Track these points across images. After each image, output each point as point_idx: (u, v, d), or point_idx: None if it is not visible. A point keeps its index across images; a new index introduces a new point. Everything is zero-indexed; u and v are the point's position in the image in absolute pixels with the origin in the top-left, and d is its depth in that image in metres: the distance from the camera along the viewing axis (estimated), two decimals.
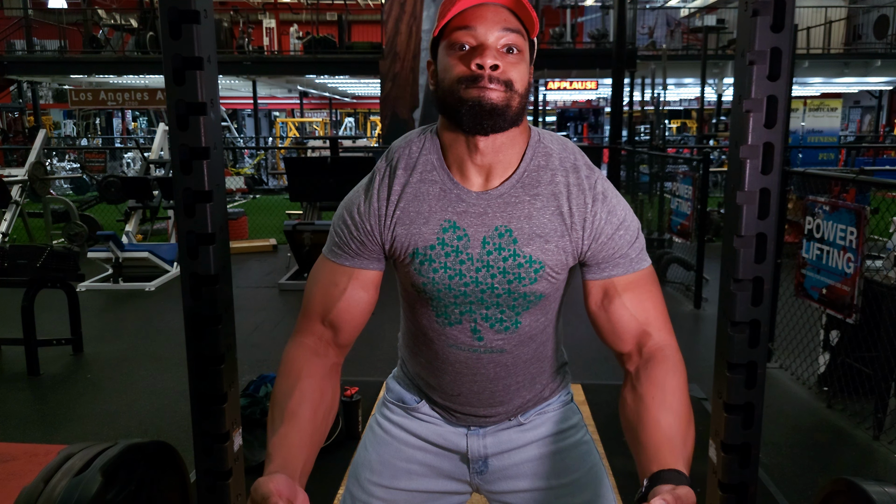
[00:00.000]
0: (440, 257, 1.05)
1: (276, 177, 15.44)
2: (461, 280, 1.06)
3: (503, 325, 1.09)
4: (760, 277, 1.03)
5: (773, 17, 0.93)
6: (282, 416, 0.98)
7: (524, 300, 1.07)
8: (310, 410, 1.00)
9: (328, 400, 1.05)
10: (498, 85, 0.97)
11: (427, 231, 1.05)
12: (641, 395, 1.00)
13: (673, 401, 0.98)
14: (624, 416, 1.02)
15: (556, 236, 1.04)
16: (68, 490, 1.15)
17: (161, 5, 1.00)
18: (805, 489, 2.69)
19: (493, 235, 1.04)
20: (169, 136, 1.07)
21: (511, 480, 1.21)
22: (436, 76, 1.05)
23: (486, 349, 1.11)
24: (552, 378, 1.23)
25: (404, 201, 1.06)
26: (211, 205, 1.08)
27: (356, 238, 1.09)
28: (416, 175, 1.06)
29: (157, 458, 1.29)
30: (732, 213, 1.03)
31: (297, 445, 0.95)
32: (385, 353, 4.32)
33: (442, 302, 1.09)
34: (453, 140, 1.04)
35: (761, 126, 0.97)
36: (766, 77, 0.95)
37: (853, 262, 3.18)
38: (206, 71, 1.03)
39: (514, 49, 0.99)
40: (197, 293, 1.11)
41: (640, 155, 8.29)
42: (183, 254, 1.11)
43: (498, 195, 1.04)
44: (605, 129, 21.72)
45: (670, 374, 1.01)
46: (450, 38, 1.00)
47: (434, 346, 1.14)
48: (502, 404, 1.18)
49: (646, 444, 0.93)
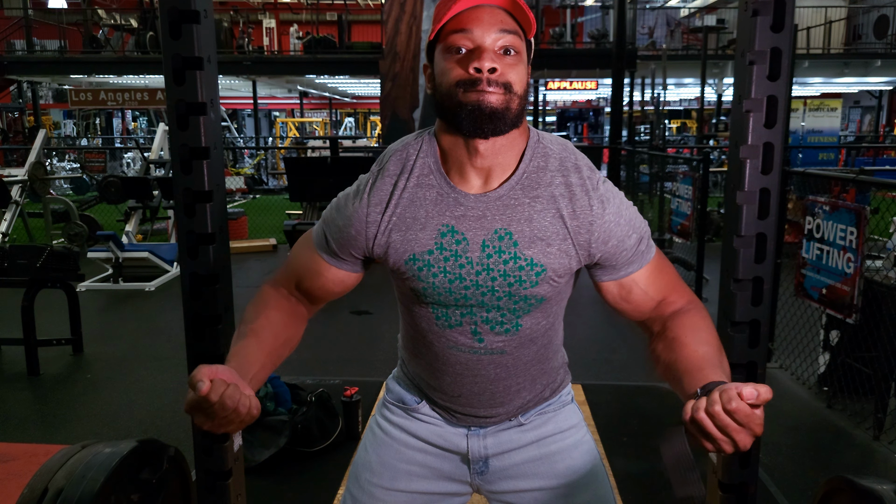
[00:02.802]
0: (439, 262, 1.04)
1: (276, 177, 15.43)
2: (461, 284, 1.05)
3: (504, 328, 1.09)
4: (760, 277, 1.03)
5: (773, 17, 0.93)
6: (245, 333, 1.05)
7: (525, 303, 1.07)
8: (271, 335, 1.07)
9: (290, 332, 1.12)
10: (496, 88, 0.96)
11: (424, 237, 1.04)
12: (675, 336, 1.01)
13: (707, 335, 1.00)
14: (659, 360, 1.03)
15: (559, 240, 1.03)
16: (71, 487, 1.15)
17: (161, 5, 1.00)
18: (805, 489, 2.68)
19: (493, 238, 1.02)
20: (169, 136, 1.07)
21: (511, 481, 1.21)
22: (433, 80, 1.03)
23: (486, 351, 1.11)
24: (552, 379, 1.22)
25: (400, 207, 1.05)
26: (211, 205, 1.08)
27: (336, 241, 1.11)
28: (412, 180, 1.05)
29: (161, 459, 1.29)
30: (732, 213, 1.03)
31: (253, 356, 1.01)
32: (385, 353, 4.32)
33: (442, 305, 1.08)
34: (452, 143, 1.03)
35: (761, 126, 0.97)
36: (766, 77, 0.95)
37: (853, 262, 3.17)
38: (206, 71, 1.03)
39: (511, 51, 0.98)
40: (197, 293, 1.11)
41: (640, 155, 8.29)
42: (183, 254, 1.11)
43: (496, 197, 1.03)
44: (605, 129, 21.71)
45: (699, 318, 1.04)
46: (446, 41, 0.98)
47: (434, 348, 1.13)
48: (503, 405, 1.18)
49: (688, 369, 0.93)
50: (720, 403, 0.76)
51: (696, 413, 0.78)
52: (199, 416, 0.85)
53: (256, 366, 1.00)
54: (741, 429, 0.76)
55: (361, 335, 4.73)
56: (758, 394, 0.75)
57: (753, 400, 0.75)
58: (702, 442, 0.79)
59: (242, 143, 19.17)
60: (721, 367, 0.94)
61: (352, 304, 5.29)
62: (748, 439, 0.77)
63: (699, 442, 0.79)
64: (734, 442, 0.76)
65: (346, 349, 4.39)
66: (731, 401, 0.75)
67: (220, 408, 0.83)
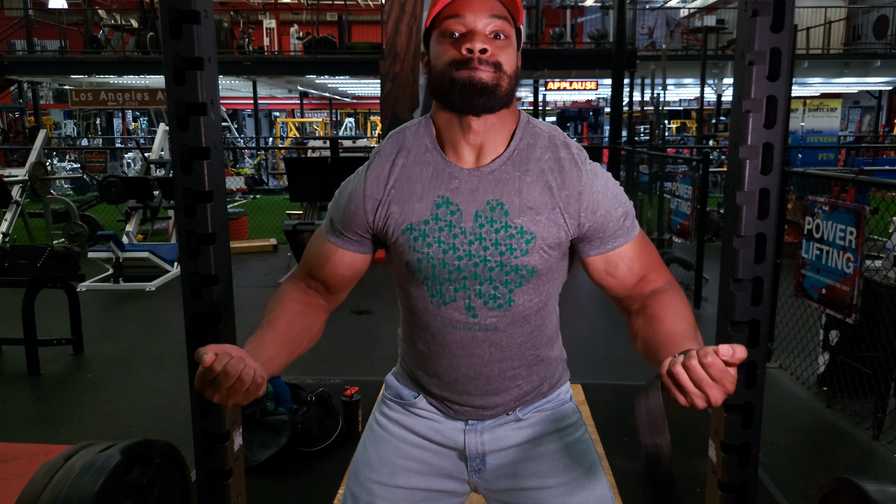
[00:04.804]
0: (434, 232, 1.09)
1: (277, 177, 15.44)
2: (455, 254, 1.09)
3: (497, 303, 1.12)
4: (760, 277, 1.03)
5: (773, 18, 0.93)
6: (261, 325, 1.09)
7: (516, 274, 1.10)
8: (287, 323, 1.10)
9: (306, 322, 1.14)
10: (487, 67, 1.04)
11: (421, 208, 1.10)
12: (654, 312, 1.06)
13: (684, 313, 1.05)
14: (637, 336, 1.07)
15: (547, 209, 1.08)
16: (71, 487, 1.15)
17: (161, 5, 1.00)
18: (805, 489, 2.69)
19: (485, 209, 1.08)
20: (169, 136, 1.07)
21: (509, 479, 1.21)
22: (429, 65, 1.10)
23: (480, 327, 1.13)
24: (550, 372, 1.23)
25: (399, 182, 1.12)
26: (211, 205, 1.09)
27: (341, 221, 1.17)
28: (410, 157, 1.12)
29: (160, 458, 1.29)
30: (732, 213, 1.03)
31: (267, 342, 1.05)
32: (385, 352, 4.32)
33: (437, 280, 1.11)
34: (447, 122, 1.10)
35: (761, 126, 0.97)
36: (766, 77, 0.95)
37: (853, 262, 3.18)
38: (207, 71, 1.03)
39: (501, 35, 1.06)
40: (197, 293, 1.11)
41: (639, 155, 8.29)
42: (183, 254, 1.11)
43: (489, 171, 1.09)
44: (605, 130, 21.72)
45: (676, 298, 1.09)
46: (441, 27, 1.06)
47: (431, 329, 1.15)
48: (498, 393, 1.18)
49: (664, 341, 0.98)
50: (697, 358, 0.80)
51: (672, 367, 0.82)
52: (208, 388, 0.89)
53: (271, 350, 1.03)
54: (714, 384, 0.80)
55: (361, 335, 4.73)
56: (733, 352, 0.79)
57: (728, 357, 0.79)
58: (675, 395, 0.82)
59: (243, 143, 19.18)
60: (697, 341, 0.98)
61: (352, 304, 5.29)
62: (720, 395, 0.80)
63: (673, 395, 0.82)
64: (707, 396, 0.80)
65: (346, 349, 4.39)
66: (707, 355, 0.79)
67: (224, 377, 0.87)
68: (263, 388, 0.93)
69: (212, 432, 1.12)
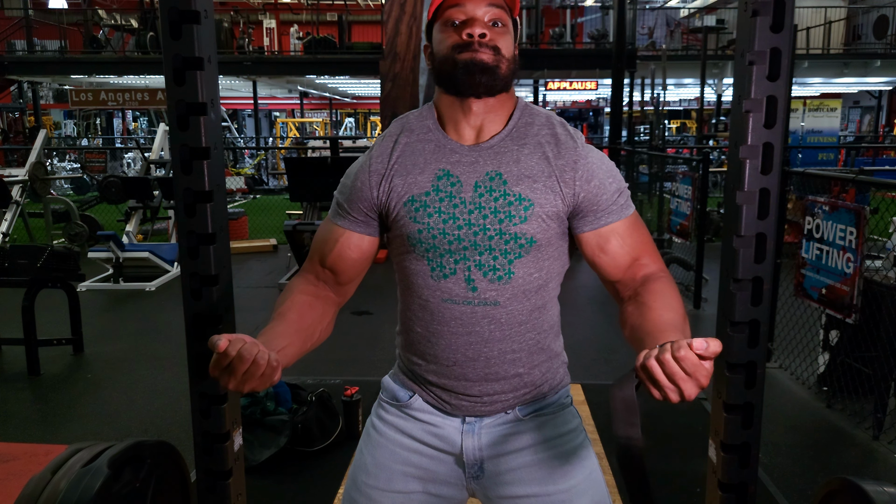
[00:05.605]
0: (434, 203, 1.13)
1: (277, 177, 15.44)
2: (455, 223, 1.12)
3: (496, 275, 1.13)
4: (760, 277, 1.03)
5: (773, 18, 0.93)
6: (272, 318, 1.12)
7: (515, 243, 1.11)
8: (297, 315, 1.13)
9: (316, 313, 1.17)
10: (487, 49, 1.11)
11: (423, 179, 1.14)
12: (644, 300, 1.08)
13: (673, 302, 1.07)
14: (626, 323, 1.09)
15: (544, 177, 1.12)
16: (72, 484, 1.14)
17: (161, 5, 1.00)
18: (805, 489, 2.69)
19: (485, 180, 1.13)
20: (169, 137, 1.07)
21: (508, 486, 1.19)
22: (433, 55, 1.17)
23: (480, 301, 1.14)
24: (551, 370, 1.22)
25: (403, 157, 1.17)
26: (211, 205, 1.09)
27: (347, 200, 1.21)
28: (413, 136, 1.18)
29: (152, 458, 1.28)
30: (732, 213, 1.03)
31: (279, 333, 1.07)
32: (385, 352, 4.32)
33: (437, 251, 1.13)
34: (449, 104, 1.16)
35: (761, 126, 0.97)
36: (766, 77, 0.95)
37: (853, 262, 3.18)
38: (207, 71, 1.03)
39: (498, 23, 1.13)
40: (197, 293, 1.11)
41: (639, 155, 8.30)
42: (183, 254, 1.11)
43: (488, 146, 1.15)
44: (605, 130, 21.71)
45: (668, 287, 1.11)
46: (443, 16, 1.14)
47: (429, 307, 1.16)
48: (498, 379, 1.17)
49: (650, 331, 0.99)
50: (670, 352, 0.80)
51: (646, 360, 0.83)
52: (224, 375, 0.90)
53: (283, 340, 1.05)
54: (688, 378, 0.80)
55: (362, 335, 4.73)
56: (707, 346, 0.78)
57: (702, 351, 0.78)
58: (650, 389, 0.83)
59: (243, 143, 19.17)
60: (682, 332, 0.99)
61: (352, 305, 5.29)
62: (694, 389, 0.81)
63: (648, 389, 0.83)
64: (680, 391, 0.81)
65: (346, 349, 4.39)
66: (681, 349, 0.80)
67: (239, 361, 0.88)
68: (279, 374, 0.94)
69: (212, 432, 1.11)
